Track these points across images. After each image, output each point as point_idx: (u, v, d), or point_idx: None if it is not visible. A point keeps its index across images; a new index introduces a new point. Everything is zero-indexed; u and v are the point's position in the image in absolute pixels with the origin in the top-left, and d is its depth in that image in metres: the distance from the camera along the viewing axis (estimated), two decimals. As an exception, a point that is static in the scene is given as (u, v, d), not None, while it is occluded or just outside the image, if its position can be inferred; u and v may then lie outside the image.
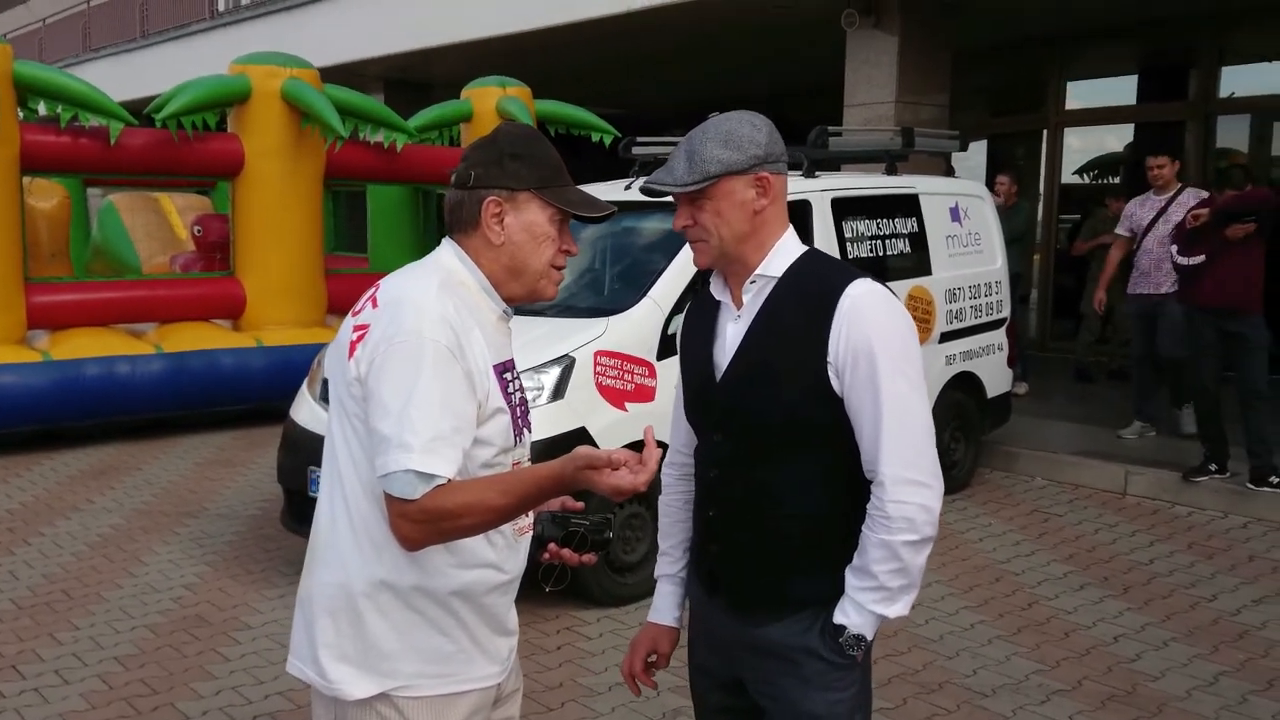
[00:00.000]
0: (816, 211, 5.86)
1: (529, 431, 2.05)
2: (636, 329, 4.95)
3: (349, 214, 14.31)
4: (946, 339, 6.65)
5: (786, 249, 2.02)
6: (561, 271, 2.03)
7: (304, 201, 9.09)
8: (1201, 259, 6.43)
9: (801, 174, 5.92)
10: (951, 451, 6.72)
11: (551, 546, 2.01)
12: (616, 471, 1.77)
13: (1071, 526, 6.18)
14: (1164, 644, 4.53)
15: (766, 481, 1.99)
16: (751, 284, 2.01)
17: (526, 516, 2.02)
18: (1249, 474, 6.40)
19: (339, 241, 13.59)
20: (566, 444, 3.33)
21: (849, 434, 1.95)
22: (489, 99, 10.50)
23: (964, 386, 6.81)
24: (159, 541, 5.79)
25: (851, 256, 5.98)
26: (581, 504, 2.08)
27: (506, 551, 1.98)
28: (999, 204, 8.12)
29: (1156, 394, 7.72)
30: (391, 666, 1.90)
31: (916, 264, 6.50)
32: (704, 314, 2.12)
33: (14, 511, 6.31)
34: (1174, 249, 6.77)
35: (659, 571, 2.27)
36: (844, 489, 1.98)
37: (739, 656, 2.08)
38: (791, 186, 4.11)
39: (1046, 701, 3.99)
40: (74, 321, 8.28)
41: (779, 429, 1.96)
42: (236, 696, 4.00)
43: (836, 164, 7.12)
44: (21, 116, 7.98)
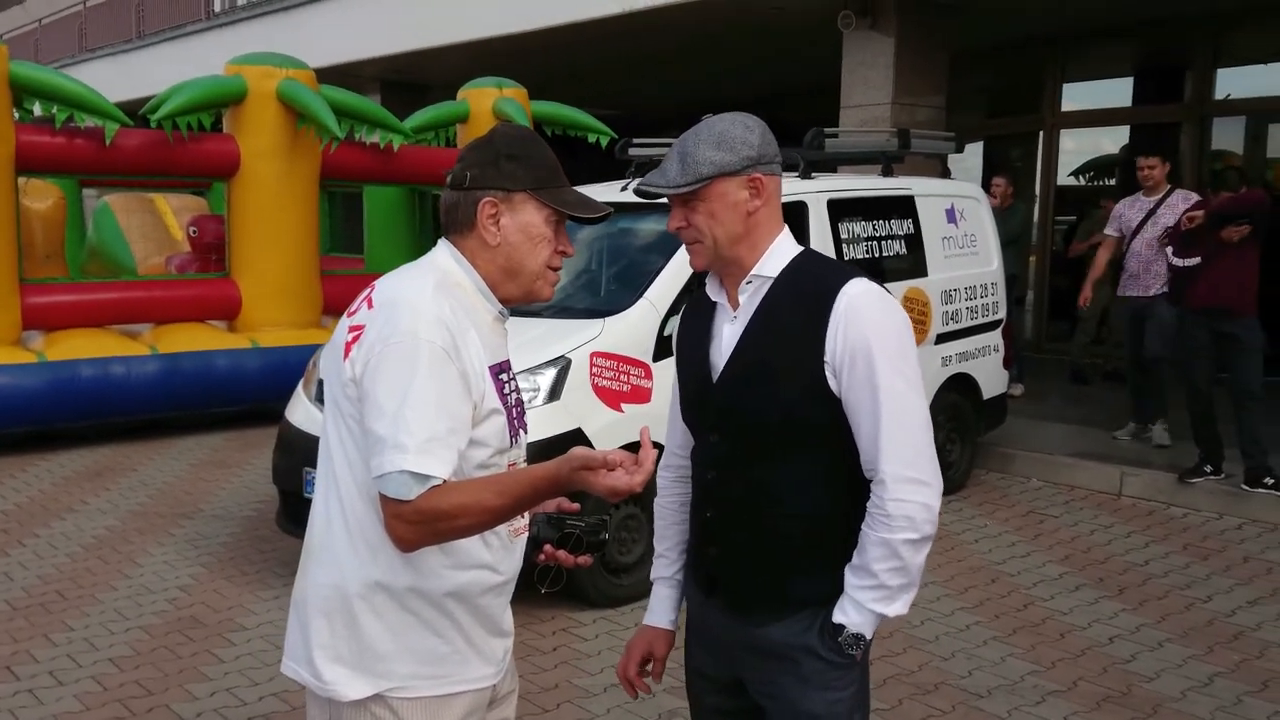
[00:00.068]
0: (812, 213, 5.87)
1: (525, 432, 2.05)
2: (633, 330, 4.95)
3: (345, 215, 14.29)
4: (942, 340, 6.65)
5: (782, 249, 2.02)
6: (557, 273, 2.03)
7: (299, 202, 9.08)
8: (1197, 261, 6.45)
9: (798, 175, 5.93)
10: (947, 453, 6.72)
11: (547, 548, 2.02)
12: (612, 472, 1.77)
13: (1067, 528, 6.19)
14: (1159, 645, 4.54)
15: (765, 481, 1.99)
16: (747, 284, 2.01)
17: (522, 518, 2.02)
18: (1243, 475, 6.41)
19: (335, 242, 13.57)
20: (562, 445, 3.31)
21: (846, 433, 1.95)
22: (485, 100, 10.48)
23: (960, 388, 6.82)
24: (154, 543, 5.78)
25: (847, 258, 5.98)
26: (577, 505, 2.08)
27: (502, 553, 1.98)
28: (995, 205, 8.13)
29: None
30: (386, 668, 1.90)
31: (912, 265, 6.51)
32: (700, 315, 2.12)
33: (9, 513, 6.30)
34: (1169, 251, 6.79)
35: (655, 574, 2.27)
36: (843, 488, 1.98)
37: (738, 657, 2.08)
38: (787, 188, 4.11)
39: (1042, 702, 4.00)
40: (69, 322, 8.25)
41: (776, 429, 1.96)
42: (231, 698, 3.99)
43: (833, 165, 7.13)
44: (17, 117, 7.97)
